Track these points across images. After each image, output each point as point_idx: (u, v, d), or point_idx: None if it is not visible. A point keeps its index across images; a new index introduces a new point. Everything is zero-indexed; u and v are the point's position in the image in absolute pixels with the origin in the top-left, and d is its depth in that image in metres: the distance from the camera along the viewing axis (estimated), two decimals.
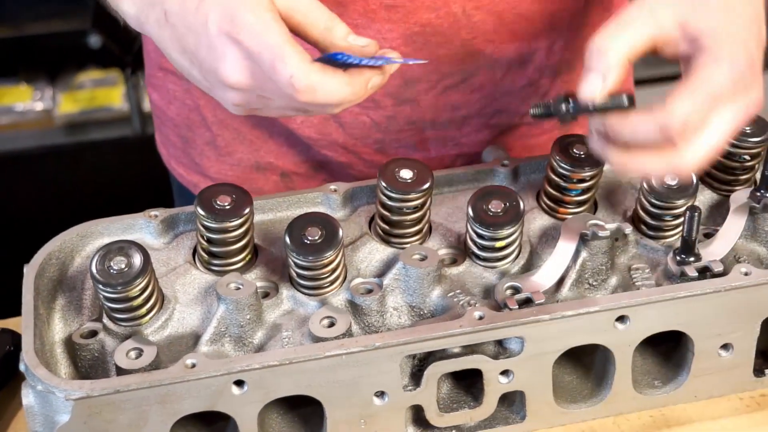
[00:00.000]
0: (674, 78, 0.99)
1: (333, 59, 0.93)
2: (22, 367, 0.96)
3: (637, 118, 0.94)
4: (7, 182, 2.86)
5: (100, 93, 3.08)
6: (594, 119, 0.98)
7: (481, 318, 0.99)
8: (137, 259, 1.01)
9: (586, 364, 1.08)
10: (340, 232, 1.04)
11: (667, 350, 1.09)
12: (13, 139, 2.92)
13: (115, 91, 3.08)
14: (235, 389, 0.96)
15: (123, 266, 1.00)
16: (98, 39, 2.63)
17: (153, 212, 1.11)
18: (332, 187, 1.15)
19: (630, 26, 0.97)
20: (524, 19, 1.24)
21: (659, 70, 2.85)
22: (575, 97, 0.97)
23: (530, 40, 1.27)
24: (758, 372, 1.08)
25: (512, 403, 1.06)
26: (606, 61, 0.95)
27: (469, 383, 1.06)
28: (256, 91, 0.95)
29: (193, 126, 1.38)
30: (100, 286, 1.00)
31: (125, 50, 2.72)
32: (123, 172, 2.84)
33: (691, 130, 0.94)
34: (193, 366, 0.95)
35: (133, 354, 0.99)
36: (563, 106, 0.97)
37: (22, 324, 0.99)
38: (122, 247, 1.01)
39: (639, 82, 1.46)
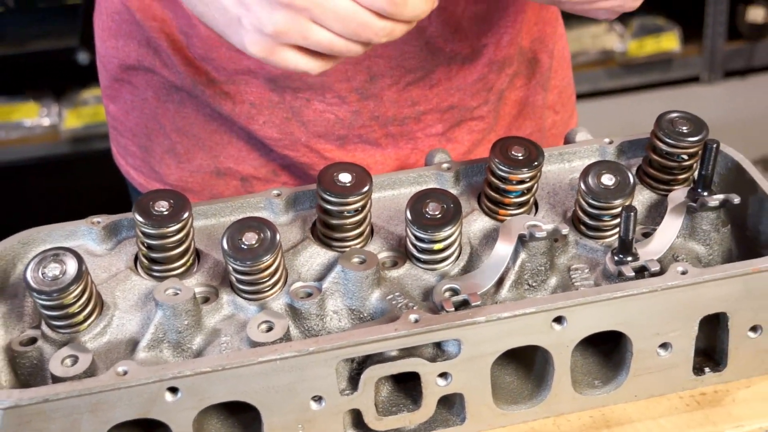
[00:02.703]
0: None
1: None
2: None
3: None
4: (15, 191, 2.79)
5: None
6: None
7: (416, 321, 0.92)
8: (72, 266, 0.94)
9: (526, 365, 1.01)
10: (278, 236, 0.97)
11: (608, 350, 1.02)
12: (21, 152, 2.88)
13: None
14: (168, 396, 0.89)
15: (57, 273, 0.94)
16: (87, 56, 2.57)
17: (96, 219, 1.04)
18: (275, 191, 1.08)
19: None
20: (479, 18, 1.25)
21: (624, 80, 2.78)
22: None
23: (481, 37, 1.26)
24: (698, 371, 1.01)
25: (452, 405, 0.99)
26: None
27: (410, 386, 0.98)
28: (312, 11, 0.88)
29: (151, 135, 1.32)
30: (35, 294, 0.93)
31: None
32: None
33: None
34: (125, 373, 0.88)
35: (68, 361, 0.92)
36: None
37: None
38: (57, 254, 0.94)
39: (609, 92, 1.40)
